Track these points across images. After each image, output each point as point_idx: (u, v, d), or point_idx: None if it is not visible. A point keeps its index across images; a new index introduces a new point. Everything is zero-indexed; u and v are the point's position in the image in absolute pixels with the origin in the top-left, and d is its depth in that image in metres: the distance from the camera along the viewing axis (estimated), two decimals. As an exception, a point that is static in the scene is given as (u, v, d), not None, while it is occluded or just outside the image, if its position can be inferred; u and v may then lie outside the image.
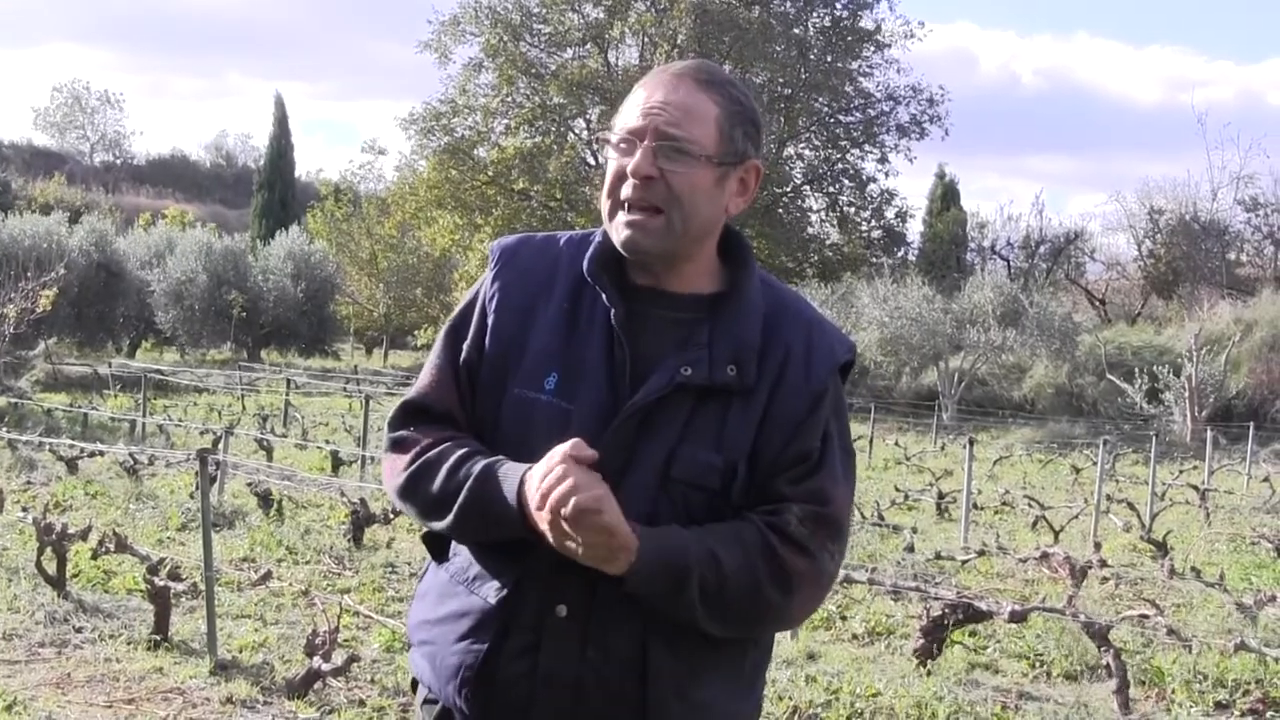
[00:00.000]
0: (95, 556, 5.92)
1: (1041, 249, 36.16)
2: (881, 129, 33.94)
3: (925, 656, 5.22)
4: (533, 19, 32.96)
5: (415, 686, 1.73)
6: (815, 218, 35.46)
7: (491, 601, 1.58)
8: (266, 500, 8.30)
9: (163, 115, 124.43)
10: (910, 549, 7.99)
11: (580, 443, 1.48)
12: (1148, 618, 5.38)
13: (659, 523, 1.53)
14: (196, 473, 7.10)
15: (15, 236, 25.45)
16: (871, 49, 33.66)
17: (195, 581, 5.18)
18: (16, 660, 4.77)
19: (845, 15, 33.53)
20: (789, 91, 32.51)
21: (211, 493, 5.98)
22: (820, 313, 1.73)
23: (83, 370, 23.69)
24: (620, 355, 1.59)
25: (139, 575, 5.50)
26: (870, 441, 15.82)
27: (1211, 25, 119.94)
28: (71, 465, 10.08)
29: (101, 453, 10.19)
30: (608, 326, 1.60)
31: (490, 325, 1.65)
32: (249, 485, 8.79)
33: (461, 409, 1.66)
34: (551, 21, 32.82)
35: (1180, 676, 5.20)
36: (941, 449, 17.58)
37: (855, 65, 33.61)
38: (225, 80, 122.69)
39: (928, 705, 4.68)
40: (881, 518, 9.39)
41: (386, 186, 40.33)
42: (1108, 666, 4.81)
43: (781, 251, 31.60)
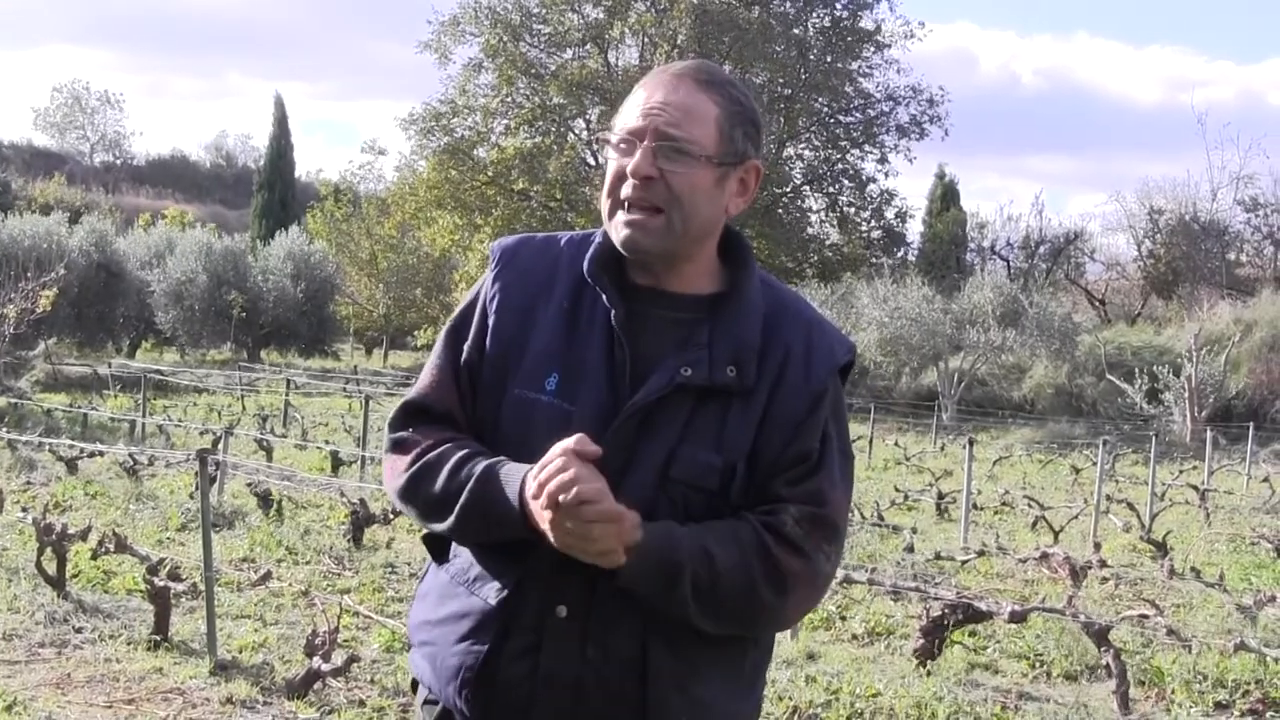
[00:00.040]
0: (95, 557, 5.91)
1: (1041, 249, 36.14)
2: (881, 129, 33.91)
3: (925, 657, 5.23)
4: (532, 19, 32.92)
5: (415, 687, 1.73)
6: (815, 218, 35.42)
7: (492, 602, 1.58)
8: (266, 500, 8.30)
9: (163, 115, 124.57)
10: (910, 549, 7.99)
11: (584, 438, 1.48)
12: (1147, 618, 5.38)
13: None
14: (196, 473, 7.10)
15: (15, 237, 25.41)
16: (871, 49, 33.61)
17: (195, 582, 5.19)
18: (16, 660, 4.77)
19: (845, 15, 33.48)
20: (789, 92, 32.49)
21: (211, 493, 5.98)
22: (820, 313, 1.73)
23: (83, 370, 23.68)
24: (620, 355, 1.59)
25: (139, 575, 5.50)
26: (870, 442, 15.82)
27: (1211, 25, 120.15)
28: (71, 465, 10.08)
29: (101, 453, 10.19)
30: (608, 327, 1.61)
31: (491, 326, 1.65)
32: (249, 485, 8.79)
33: (462, 409, 1.66)
34: (551, 22, 32.79)
35: (1180, 677, 5.21)
36: (941, 449, 17.59)
37: (855, 65, 33.57)
38: (225, 80, 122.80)
39: (927, 705, 4.68)
40: (881, 518, 9.39)
41: (386, 187, 40.29)
42: (1107, 667, 4.82)
43: (781, 252, 31.57)
